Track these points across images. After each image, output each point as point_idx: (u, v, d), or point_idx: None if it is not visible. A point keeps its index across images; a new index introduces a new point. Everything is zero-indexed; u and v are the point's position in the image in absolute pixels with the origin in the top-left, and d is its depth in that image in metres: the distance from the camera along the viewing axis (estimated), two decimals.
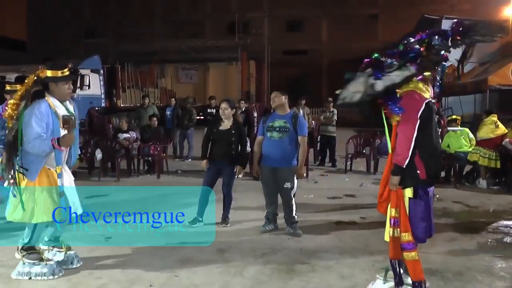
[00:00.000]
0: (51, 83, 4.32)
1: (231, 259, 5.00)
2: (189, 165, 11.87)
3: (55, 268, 4.46)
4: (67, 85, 4.42)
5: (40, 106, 4.24)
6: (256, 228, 6.08)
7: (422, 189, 3.80)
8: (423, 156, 3.73)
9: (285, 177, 5.88)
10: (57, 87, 4.35)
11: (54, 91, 4.35)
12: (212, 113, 12.63)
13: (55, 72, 4.32)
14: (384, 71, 3.67)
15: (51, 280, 4.37)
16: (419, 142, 3.67)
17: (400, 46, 3.83)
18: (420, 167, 3.73)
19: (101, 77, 20.58)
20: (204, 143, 6.49)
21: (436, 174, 4.02)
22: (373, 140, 11.21)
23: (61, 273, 4.48)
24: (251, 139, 8.83)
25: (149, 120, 11.64)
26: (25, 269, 4.41)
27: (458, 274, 4.54)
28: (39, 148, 4.19)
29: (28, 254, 4.45)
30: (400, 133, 3.71)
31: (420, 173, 3.73)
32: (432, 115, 3.76)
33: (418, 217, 3.80)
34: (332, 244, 5.54)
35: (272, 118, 5.99)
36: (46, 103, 4.28)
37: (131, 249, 5.26)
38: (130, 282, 4.37)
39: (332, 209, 7.35)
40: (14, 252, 4.65)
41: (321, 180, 10.05)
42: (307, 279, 4.47)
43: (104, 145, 10.31)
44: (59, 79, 4.34)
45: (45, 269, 4.41)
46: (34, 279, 4.36)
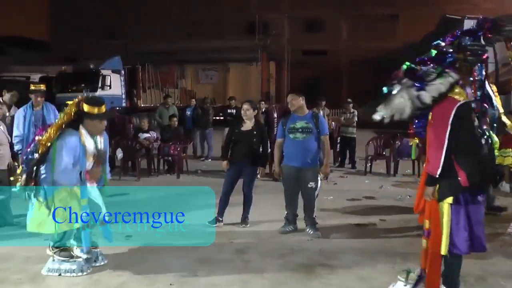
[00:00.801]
0: (86, 118, 4.44)
1: (250, 260, 5.02)
2: (209, 165, 11.92)
3: (84, 265, 4.57)
4: (101, 123, 4.53)
5: (70, 138, 4.35)
6: (276, 229, 6.09)
7: (463, 195, 3.59)
8: (461, 162, 3.53)
9: (309, 177, 5.88)
10: (91, 123, 4.47)
11: (88, 125, 4.47)
12: (232, 113, 12.66)
13: (92, 108, 4.42)
14: (424, 81, 3.53)
15: (74, 277, 4.45)
16: (456, 147, 3.50)
17: (432, 52, 3.68)
18: (461, 173, 3.53)
19: (122, 78, 20.79)
20: (226, 143, 6.53)
21: (482, 180, 3.68)
22: (393, 141, 11.12)
23: (89, 270, 4.58)
24: (270, 140, 8.83)
25: (169, 120, 11.73)
26: (54, 266, 4.55)
27: (480, 279, 4.48)
28: (67, 180, 4.34)
29: (59, 252, 4.61)
30: (431, 141, 3.59)
31: (462, 179, 3.52)
32: (467, 116, 3.55)
33: (459, 225, 3.61)
34: (352, 246, 5.51)
35: (292, 120, 5.98)
36: (77, 136, 4.39)
37: (151, 248, 5.31)
38: (150, 280, 4.41)
39: (352, 211, 7.32)
40: (39, 248, 4.83)
41: (341, 181, 10.01)
42: (326, 281, 4.46)
43: (124, 144, 10.42)
44: (95, 117, 4.45)
45: (74, 266, 4.53)
46: (63, 276, 4.48)
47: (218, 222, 6.29)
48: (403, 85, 3.58)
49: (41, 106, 6.38)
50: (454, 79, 3.54)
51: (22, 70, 19.35)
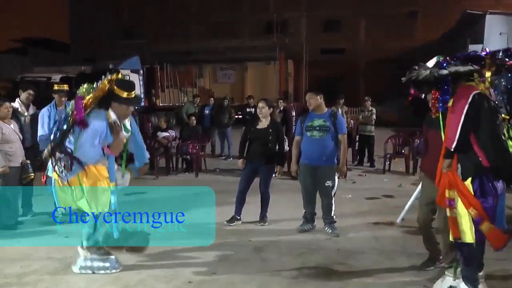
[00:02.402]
0: (114, 100, 4.42)
1: (268, 258, 5.02)
2: (227, 164, 11.94)
3: (116, 263, 4.61)
4: (128, 109, 4.53)
5: (99, 117, 4.35)
6: (294, 228, 6.07)
7: (487, 179, 3.71)
8: (481, 145, 3.70)
9: (326, 176, 5.86)
10: (119, 106, 4.45)
11: (115, 108, 4.45)
12: (251, 112, 12.66)
13: (121, 92, 4.39)
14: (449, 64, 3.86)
15: (95, 274, 4.50)
16: (474, 131, 3.69)
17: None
18: (481, 154, 3.70)
19: (140, 77, 20.92)
20: (242, 142, 6.53)
21: (503, 167, 3.73)
22: (412, 140, 10.99)
23: (121, 267, 4.60)
24: (289, 139, 8.81)
25: (188, 119, 11.78)
26: (87, 264, 4.56)
27: (502, 279, 4.42)
28: (89, 154, 4.31)
29: (96, 250, 4.59)
30: (449, 121, 3.81)
31: (482, 160, 3.69)
32: (485, 105, 3.69)
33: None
34: (370, 246, 5.47)
35: (310, 118, 5.96)
36: (105, 115, 4.39)
37: (170, 246, 5.32)
38: (168, 278, 4.43)
39: (370, 209, 7.26)
40: (62, 247, 4.94)
41: (359, 180, 9.94)
42: (345, 280, 4.43)
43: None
44: (122, 101, 4.44)
45: (107, 263, 4.57)
46: (96, 273, 4.50)
47: (236, 221, 6.30)
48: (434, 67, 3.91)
49: (63, 105, 6.50)
50: (474, 68, 3.80)
51: (42, 71, 19.55)
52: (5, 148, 5.95)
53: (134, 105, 4.62)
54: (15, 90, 7.21)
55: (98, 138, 4.34)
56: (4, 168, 5.85)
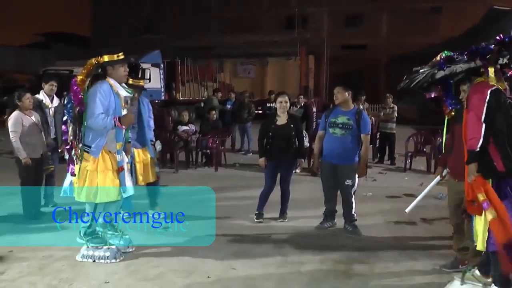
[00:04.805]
0: (108, 67, 4.75)
1: (288, 254, 4.98)
2: (247, 159, 11.93)
3: (117, 253, 4.71)
4: (123, 68, 4.84)
5: (102, 86, 4.64)
6: (314, 225, 6.03)
7: (505, 184, 3.55)
8: (498, 145, 3.54)
9: (346, 174, 5.78)
10: (114, 70, 4.77)
11: (112, 73, 4.77)
12: (271, 107, 12.61)
13: (111, 57, 4.75)
14: (449, 63, 3.77)
15: (113, 265, 4.54)
16: (492, 130, 3.53)
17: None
18: (496, 158, 3.54)
19: (161, 71, 21.05)
20: (260, 140, 6.42)
21: None
22: (434, 138, 10.82)
23: (122, 257, 4.70)
24: (309, 134, 8.75)
25: (208, 113, 11.78)
26: (89, 252, 4.70)
27: None
28: (102, 123, 4.53)
29: (92, 238, 4.79)
30: (468, 122, 3.64)
31: (497, 165, 3.53)
32: (501, 102, 3.58)
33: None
34: (391, 245, 5.39)
35: (335, 114, 5.85)
36: (107, 83, 4.69)
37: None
38: (187, 272, 4.43)
39: (391, 208, 7.16)
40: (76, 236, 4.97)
41: (380, 178, 9.84)
42: (365, 279, 4.38)
43: (163, 137, 10.52)
44: (116, 62, 4.77)
45: (107, 253, 4.67)
46: (97, 262, 4.61)
47: (261, 217, 6.25)
48: (434, 66, 3.83)
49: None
50: (476, 65, 3.70)
51: (64, 65, 19.81)
52: (26, 140, 6.02)
53: (126, 63, 4.94)
54: (38, 83, 7.26)
55: (108, 100, 4.60)
56: (26, 159, 5.93)
